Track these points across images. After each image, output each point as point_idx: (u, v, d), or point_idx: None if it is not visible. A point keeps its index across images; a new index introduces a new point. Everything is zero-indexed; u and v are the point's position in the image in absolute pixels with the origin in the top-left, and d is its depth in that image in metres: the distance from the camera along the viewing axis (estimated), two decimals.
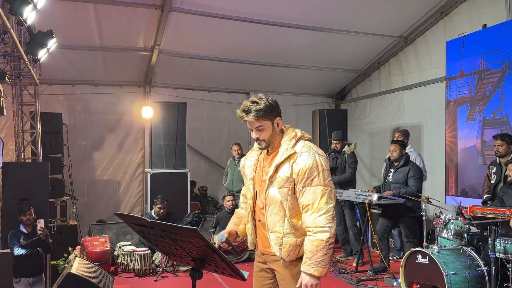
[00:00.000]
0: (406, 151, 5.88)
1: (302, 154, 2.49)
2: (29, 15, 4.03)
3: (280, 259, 2.52)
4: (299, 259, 2.50)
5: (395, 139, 6.28)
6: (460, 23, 6.61)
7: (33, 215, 5.18)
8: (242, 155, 7.80)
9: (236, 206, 6.92)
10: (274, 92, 9.39)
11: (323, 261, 2.43)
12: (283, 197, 2.48)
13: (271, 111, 2.49)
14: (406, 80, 7.91)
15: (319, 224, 2.40)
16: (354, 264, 6.18)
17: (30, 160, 6.87)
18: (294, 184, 2.47)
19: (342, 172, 6.60)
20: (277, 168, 2.50)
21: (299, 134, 2.62)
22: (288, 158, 2.49)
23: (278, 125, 2.56)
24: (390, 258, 6.18)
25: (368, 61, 8.62)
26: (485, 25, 5.99)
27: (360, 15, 6.93)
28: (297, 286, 2.47)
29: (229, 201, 6.80)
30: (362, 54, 8.29)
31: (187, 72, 8.27)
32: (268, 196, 2.53)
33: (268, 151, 2.63)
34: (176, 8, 6.36)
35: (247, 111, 2.46)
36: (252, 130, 2.54)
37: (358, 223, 6.63)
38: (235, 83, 8.92)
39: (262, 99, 2.47)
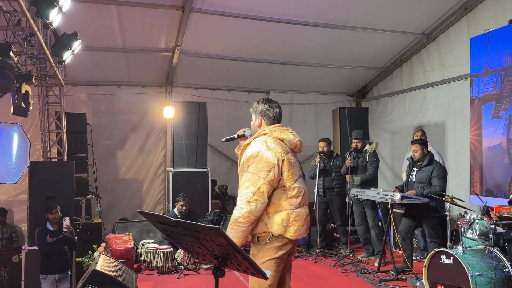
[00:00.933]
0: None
1: (252, 144, 3.01)
2: (55, 18, 4.13)
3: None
4: (258, 238, 2.96)
5: (415, 138, 6.20)
6: (484, 19, 6.47)
7: (59, 213, 5.29)
8: None
9: None
10: (294, 91, 9.42)
11: (230, 232, 2.84)
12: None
13: (255, 110, 3.20)
14: (429, 77, 7.78)
15: (237, 203, 2.89)
16: (376, 264, 6.14)
17: (56, 160, 7.03)
18: None
19: (363, 171, 6.55)
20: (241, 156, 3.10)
21: (266, 131, 3.08)
22: (245, 147, 3.06)
23: (258, 122, 3.17)
24: (414, 258, 6.11)
25: (390, 59, 8.51)
26: (511, 21, 5.85)
27: (382, 12, 6.85)
28: None
29: None
30: (384, 51, 8.20)
31: (208, 72, 8.33)
32: None
33: None
34: (196, 8, 6.41)
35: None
36: None
37: (380, 223, 6.57)
38: (255, 82, 8.94)
39: (258, 101, 3.23)
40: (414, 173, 5.71)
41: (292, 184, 2.95)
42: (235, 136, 3.35)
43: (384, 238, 6.00)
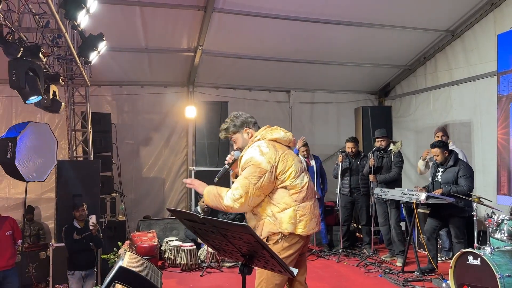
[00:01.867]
0: (450, 149, 5.70)
1: (246, 152, 3.05)
2: (83, 19, 4.21)
3: None
4: (268, 241, 2.95)
5: (436, 139, 6.07)
6: (511, 15, 6.32)
7: (86, 211, 5.39)
8: None
9: None
10: (315, 89, 9.37)
11: (208, 197, 3.03)
12: None
13: (236, 127, 3.19)
14: (454, 75, 7.64)
15: (227, 194, 2.93)
16: (398, 264, 6.08)
17: (82, 158, 7.17)
18: None
19: (387, 171, 6.48)
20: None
21: (258, 137, 3.12)
22: (240, 159, 3.08)
23: (248, 134, 3.18)
24: (439, 258, 6.02)
25: (413, 56, 8.39)
26: None
27: (405, 9, 6.75)
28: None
29: None
30: (407, 49, 8.08)
31: (229, 72, 8.37)
32: None
33: None
34: (218, 8, 6.45)
35: (220, 132, 3.27)
36: None
37: (402, 223, 6.50)
38: (276, 81, 8.93)
39: (227, 120, 3.23)
40: (440, 173, 5.61)
41: (293, 182, 2.96)
42: (226, 166, 3.23)
43: (408, 238, 5.92)
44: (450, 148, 5.82)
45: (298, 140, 7.14)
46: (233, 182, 3.06)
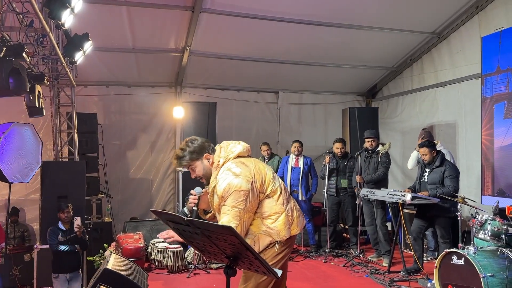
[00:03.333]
0: (438, 150, 5.76)
1: (218, 181, 2.86)
2: (67, 19, 4.16)
3: None
4: (263, 251, 2.88)
5: (421, 141, 6.15)
6: (496, 18, 6.41)
7: (71, 213, 5.34)
8: (271, 155, 7.83)
9: None
10: (303, 90, 9.41)
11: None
12: None
13: (195, 153, 2.95)
14: (440, 77, 7.73)
15: None
16: (385, 264, 6.12)
17: (67, 159, 7.09)
18: None
19: (374, 171, 6.52)
20: (213, 198, 2.95)
21: (221, 161, 2.94)
22: (214, 188, 2.90)
23: (208, 160, 2.98)
24: (424, 258, 6.07)
25: (400, 58, 8.46)
26: None
27: (392, 11, 6.81)
28: None
29: None
30: (394, 51, 8.16)
31: (217, 72, 8.36)
32: None
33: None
34: (206, 9, 6.43)
35: (177, 162, 3.00)
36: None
37: (388, 223, 6.54)
38: (264, 82, 8.94)
39: (184, 148, 2.97)
40: (426, 174, 5.67)
41: (273, 187, 2.91)
42: (195, 208, 3.00)
43: (394, 238, 5.97)
44: (438, 149, 5.88)
45: (292, 144, 7.27)
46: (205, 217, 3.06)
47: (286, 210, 2.90)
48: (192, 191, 3.04)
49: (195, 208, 3.01)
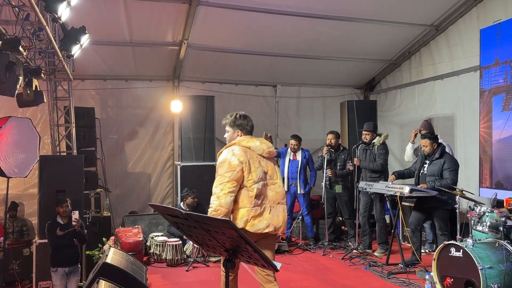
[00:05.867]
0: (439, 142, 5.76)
1: (222, 153, 3.56)
2: (64, 12, 4.13)
3: None
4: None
5: (422, 132, 6.17)
6: (494, 10, 6.38)
7: (69, 207, 5.33)
8: None
9: None
10: (301, 84, 9.39)
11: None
12: None
13: (235, 124, 3.66)
14: (438, 70, 7.72)
15: (210, 202, 3.43)
16: (376, 254, 6.23)
17: (65, 154, 7.07)
18: None
19: (371, 164, 6.52)
20: None
21: (235, 141, 3.59)
22: (219, 155, 3.61)
23: (237, 135, 3.65)
24: (422, 251, 6.10)
25: (398, 51, 8.44)
26: None
27: (390, 4, 6.78)
28: None
29: None
30: (392, 43, 8.13)
31: (215, 66, 8.32)
32: None
33: None
34: (203, 1, 6.39)
35: (225, 118, 3.75)
36: None
37: (386, 216, 6.57)
38: (262, 75, 8.92)
39: (234, 115, 3.69)
40: (426, 166, 5.68)
41: (253, 185, 3.43)
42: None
43: (393, 231, 5.99)
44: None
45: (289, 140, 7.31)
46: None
47: (250, 208, 3.42)
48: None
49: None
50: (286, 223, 3.76)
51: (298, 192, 7.05)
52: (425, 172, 5.64)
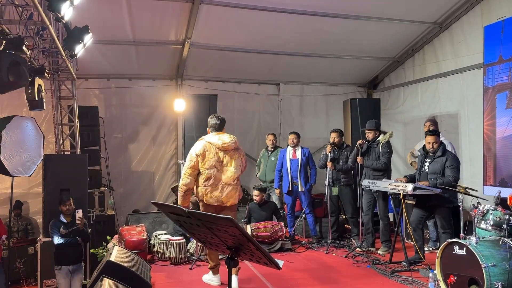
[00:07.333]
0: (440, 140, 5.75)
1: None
2: (67, 11, 4.14)
3: None
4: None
5: (428, 129, 6.14)
6: (498, 7, 6.35)
7: (73, 205, 5.34)
8: (275, 146, 7.83)
9: (262, 200, 7.01)
10: (304, 82, 9.38)
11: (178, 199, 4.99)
12: None
13: (207, 124, 5.02)
14: (442, 67, 7.69)
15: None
16: (379, 252, 6.22)
17: (69, 152, 7.10)
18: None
19: (375, 162, 6.50)
20: None
21: (203, 137, 4.96)
22: None
23: (208, 132, 4.99)
24: (426, 249, 6.08)
25: (402, 49, 8.42)
26: None
27: (393, 1, 6.76)
28: None
29: (256, 196, 6.98)
30: (395, 41, 8.11)
31: (218, 64, 8.33)
32: None
33: None
34: (206, 0, 6.39)
35: None
36: None
37: (390, 214, 6.55)
38: (265, 74, 8.91)
39: (211, 117, 5.06)
40: (427, 163, 5.66)
41: (205, 171, 4.75)
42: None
43: (396, 229, 5.97)
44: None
45: (289, 135, 7.36)
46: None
47: (203, 186, 4.77)
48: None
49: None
50: (237, 199, 4.91)
51: (299, 190, 7.06)
52: (426, 170, 5.63)
